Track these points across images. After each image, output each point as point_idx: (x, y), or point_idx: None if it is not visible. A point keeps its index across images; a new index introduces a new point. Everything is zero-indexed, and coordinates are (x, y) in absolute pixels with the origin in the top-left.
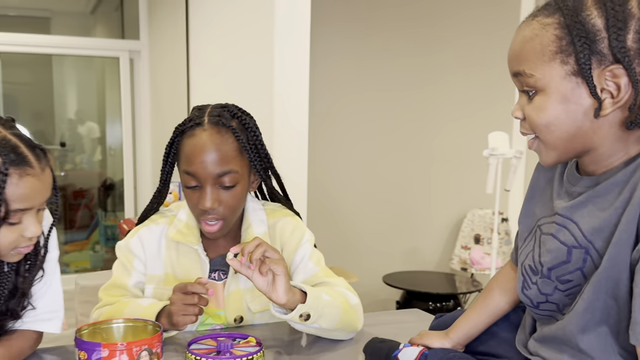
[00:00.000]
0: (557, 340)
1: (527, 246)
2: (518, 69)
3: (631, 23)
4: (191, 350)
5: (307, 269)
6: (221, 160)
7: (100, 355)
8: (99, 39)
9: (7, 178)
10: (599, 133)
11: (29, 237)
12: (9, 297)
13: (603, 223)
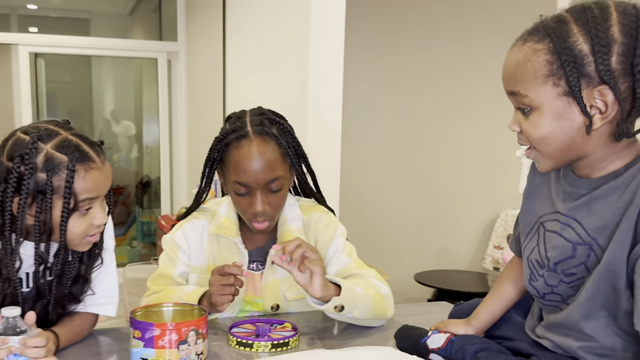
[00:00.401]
0: (563, 326)
1: (531, 241)
2: (513, 89)
3: (614, 47)
4: (232, 332)
5: (340, 260)
6: (270, 169)
7: (153, 334)
8: (138, 41)
9: (74, 174)
10: (590, 144)
11: (97, 224)
12: (73, 283)
13: (606, 222)
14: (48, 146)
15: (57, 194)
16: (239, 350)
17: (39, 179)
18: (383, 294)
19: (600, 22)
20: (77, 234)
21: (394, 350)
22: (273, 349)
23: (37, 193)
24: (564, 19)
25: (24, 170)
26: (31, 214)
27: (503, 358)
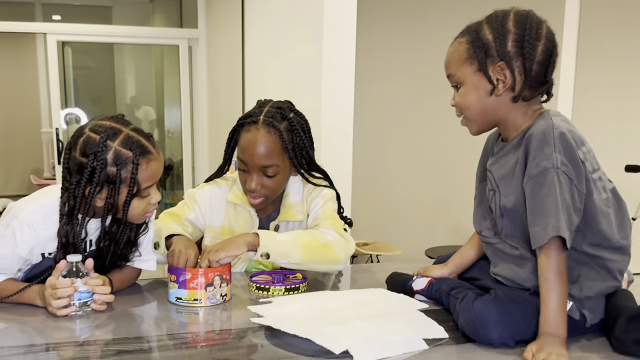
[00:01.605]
0: (503, 260)
1: (481, 193)
2: (448, 72)
3: (509, 36)
4: (253, 280)
5: (316, 214)
6: (266, 156)
7: (185, 277)
8: (160, 28)
9: (138, 167)
10: (501, 108)
11: (153, 203)
12: (124, 247)
13: (505, 172)
14: (115, 144)
15: (124, 183)
16: (257, 294)
17: (109, 172)
18: (324, 241)
19: (501, 20)
20: (138, 213)
21: (385, 290)
22: (286, 292)
23: (107, 183)
24: (481, 22)
25: (96, 166)
26: (100, 198)
27: (471, 293)
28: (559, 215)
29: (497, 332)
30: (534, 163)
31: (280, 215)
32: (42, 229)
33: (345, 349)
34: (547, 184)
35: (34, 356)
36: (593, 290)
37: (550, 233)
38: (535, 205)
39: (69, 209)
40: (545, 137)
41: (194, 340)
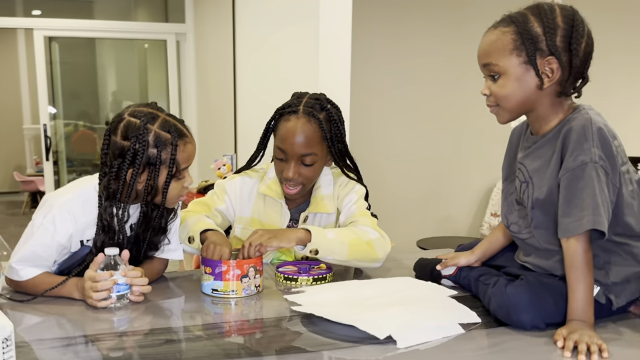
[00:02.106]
0: (533, 249)
1: (510, 186)
2: (487, 61)
3: (558, 31)
4: (280, 271)
5: (349, 211)
6: (306, 144)
7: (221, 269)
8: (147, 23)
9: (177, 148)
10: (540, 101)
11: (187, 186)
12: (155, 234)
13: (539, 165)
14: (155, 127)
15: (164, 164)
16: (286, 284)
17: (150, 154)
18: (365, 239)
19: (549, 13)
20: (174, 196)
21: (412, 278)
22: (314, 282)
23: (148, 165)
24: (524, 13)
25: (138, 148)
26: (140, 181)
27: (502, 278)
28: (598, 209)
29: (529, 315)
30: (572, 157)
31: (310, 207)
32: (81, 215)
33: (389, 334)
34: (585, 178)
35: (75, 348)
36: (619, 276)
37: (587, 225)
38: (571, 198)
39: (111, 192)
40: (584, 132)
41: (235, 329)
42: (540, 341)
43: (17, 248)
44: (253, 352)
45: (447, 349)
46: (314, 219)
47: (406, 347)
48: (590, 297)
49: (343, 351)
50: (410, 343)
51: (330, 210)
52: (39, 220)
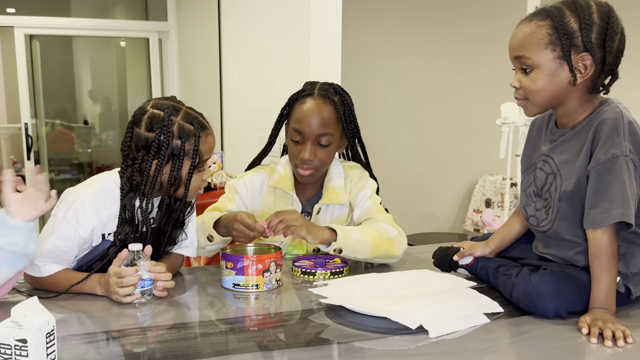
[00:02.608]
0: (555, 240)
1: (529, 177)
2: (520, 54)
3: (594, 27)
4: (296, 265)
5: (364, 206)
6: (322, 124)
7: (243, 264)
8: (129, 21)
9: (200, 139)
10: (570, 96)
11: (205, 179)
12: (175, 227)
13: (568, 158)
14: (178, 118)
15: (187, 155)
16: (303, 278)
17: (175, 145)
18: (385, 237)
19: (585, 9)
20: (195, 187)
21: (429, 271)
22: (331, 276)
23: (172, 156)
24: (559, 7)
25: (163, 139)
26: (164, 173)
27: (525, 268)
28: (627, 201)
29: (553, 304)
30: (603, 150)
31: (323, 198)
32: (103, 208)
33: (420, 324)
34: (615, 171)
35: (101, 344)
36: (638, 266)
37: (615, 218)
38: (600, 190)
39: (135, 184)
40: (616, 125)
41: (260, 323)
42: (565, 328)
43: (38, 244)
44: (283, 345)
45: (476, 338)
46: (326, 210)
47: (437, 336)
48: (613, 287)
49: (374, 342)
50: (441, 332)
51: (342, 201)
52: (60, 214)
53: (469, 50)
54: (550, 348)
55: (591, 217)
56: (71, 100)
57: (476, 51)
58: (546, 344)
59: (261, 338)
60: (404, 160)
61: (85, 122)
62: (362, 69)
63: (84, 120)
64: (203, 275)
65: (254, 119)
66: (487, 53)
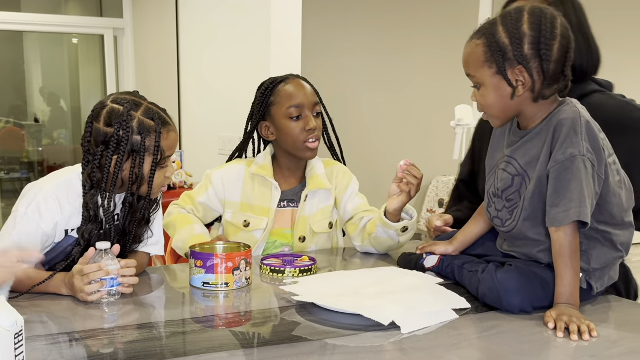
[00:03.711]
0: (519, 239)
1: (491, 179)
2: (467, 72)
3: (525, 39)
4: (265, 264)
5: (355, 201)
6: (313, 94)
7: (213, 262)
8: (84, 17)
9: (161, 135)
10: (521, 106)
11: (169, 176)
12: (140, 225)
13: (531, 158)
14: (138, 114)
15: (148, 152)
16: (272, 276)
17: (135, 141)
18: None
19: (515, 22)
20: (158, 185)
21: (397, 268)
22: (300, 274)
23: (132, 152)
24: (495, 22)
25: (122, 134)
26: (125, 169)
27: (491, 265)
28: (583, 200)
29: (518, 299)
30: (562, 150)
31: (309, 186)
32: (67, 202)
33: (392, 321)
34: (573, 170)
35: (65, 345)
36: (600, 263)
37: (573, 217)
38: (559, 189)
39: (95, 181)
40: (574, 125)
41: (231, 321)
42: (532, 323)
43: None
44: (254, 343)
45: (447, 334)
46: (314, 196)
47: (409, 332)
48: (576, 282)
49: (347, 339)
50: (413, 328)
51: (328, 186)
52: (22, 210)
53: (425, 54)
54: (519, 343)
55: (552, 216)
56: (21, 98)
57: (432, 54)
58: (515, 339)
59: (232, 337)
60: (358, 160)
61: (36, 120)
62: (322, 69)
63: (35, 118)
64: (171, 274)
65: (213, 118)
66: (443, 56)
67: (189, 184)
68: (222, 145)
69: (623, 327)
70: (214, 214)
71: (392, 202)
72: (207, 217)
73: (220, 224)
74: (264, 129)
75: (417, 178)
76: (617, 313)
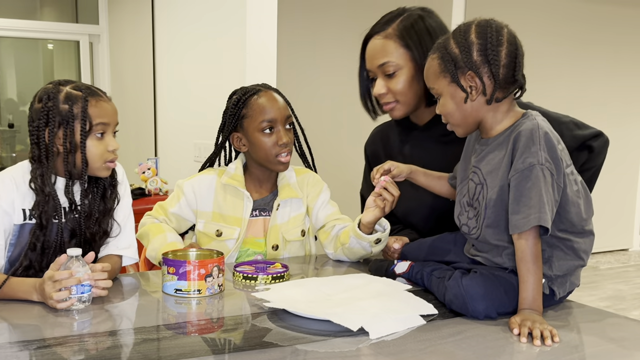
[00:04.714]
0: (484, 245)
1: (463, 188)
2: (428, 85)
3: (473, 46)
4: (238, 270)
5: (327, 209)
6: (285, 108)
7: (186, 269)
8: (60, 23)
9: (87, 102)
10: (478, 111)
11: (111, 150)
12: (101, 217)
13: (493, 167)
14: (67, 87)
15: (77, 119)
16: (244, 283)
17: (62, 110)
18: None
19: (464, 33)
20: (96, 155)
21: (367, 274)
22: (272, 281)
23: (62, 121)
24: (448, 37)
25: (50, 105)
26: (59, 141)
27: (457, 271)
28: (543, 206)
29: (483, 305)
30: (521, 159)
31: (280, 195)
32: (22, 183)
33: (361, 326)
34: (533, 178)
35: (34, 352)
36: (561, 269)
37: (533, 222)
38: (520, 196)
39: (36, 156)
40: (532, 136)
41: (203, 328)
42: (497, 329)
43: None
44: (226, 349)
45: (414, 339)
46: (286, 205)
47: (377, 338)
48: (539, 288)
49: (316, 344)
50: (381, 334)
51: (299, 195)
52: None
53: None
54: (485, 347)
55: (513, 222)
56: None
57: None
58: (480, 344)
59: (203, 343)
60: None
61: (11, 125)
62: (297, 78)
63: (9, 123)
64: (143, 280)
65: (188, 125)
66: None
67: (164, 191)
68: (198, 152)
69: (584, 332)
70: (188, 223)
71: (367, 215)
72: (180, 227)
73: (194, 233)
74: (236, 140)
75: (393, 195)
76: (579, 318)
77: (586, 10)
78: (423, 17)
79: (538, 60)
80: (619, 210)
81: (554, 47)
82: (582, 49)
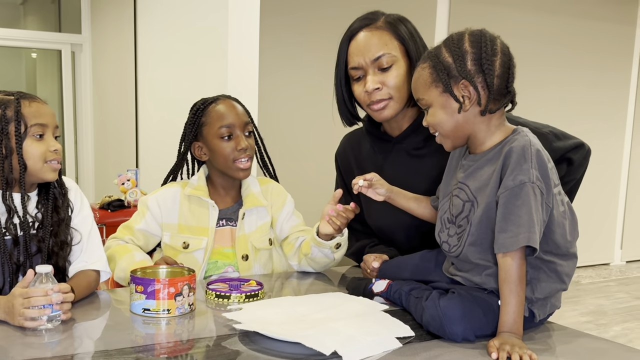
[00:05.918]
0: (465, 264)
1: (445, 205)
2: (417, 97)
3: (467, 56)
4: (210, 288)
5: (292, 220)
6: (244, 114)
7: (154, 287)
8: (42, 32)
9: (20, 104)
10: (470, 122)
11: (52, 150)
12: (57, 227)
13: (482, 184)
14: (0, 95)
15: (11, 122)
16: (217, 302)
17: None
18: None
19: (457, 42)
20: (36, 156)
21: (344, 293)
22: (246, 299)
23: None
24: (439, 46)
25: None
26: None
27: (435, 292)
28: (532, 226)
29: (461, 327)
30: (512, 176)
31: (245, 204)
32: None
33: (334, 350)
34: (523, 196)
35: None
36: (543, 292)
37: (522, 242)
38: (508, 214)
39: None
40: (524, 153)
41: (171, 350)
42: (475, 352)
43: None
44: None
45: None
46: (251, 214)
47: None
48: (520, 311)
49: None
50: (355, 358)
51: (264, 204)
52: None
53: None
54: None
55: (500, 241)
56: None
57: None
58: None
59: None
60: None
61: None
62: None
63: None
64: (111, 299)
65: (170, 135)
66: None
67: None
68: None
69: (564, 355)
70: (155, 239)
71: (324, 227)
72: (148, 244)
73: (161, 250)
74: (197, 149)
75: (348, 219)
76: (559, 341)
77: (569, 23)
78: (405, 19)
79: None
80: (600, 224)
81: (537, 58)
82: (565, 60)
